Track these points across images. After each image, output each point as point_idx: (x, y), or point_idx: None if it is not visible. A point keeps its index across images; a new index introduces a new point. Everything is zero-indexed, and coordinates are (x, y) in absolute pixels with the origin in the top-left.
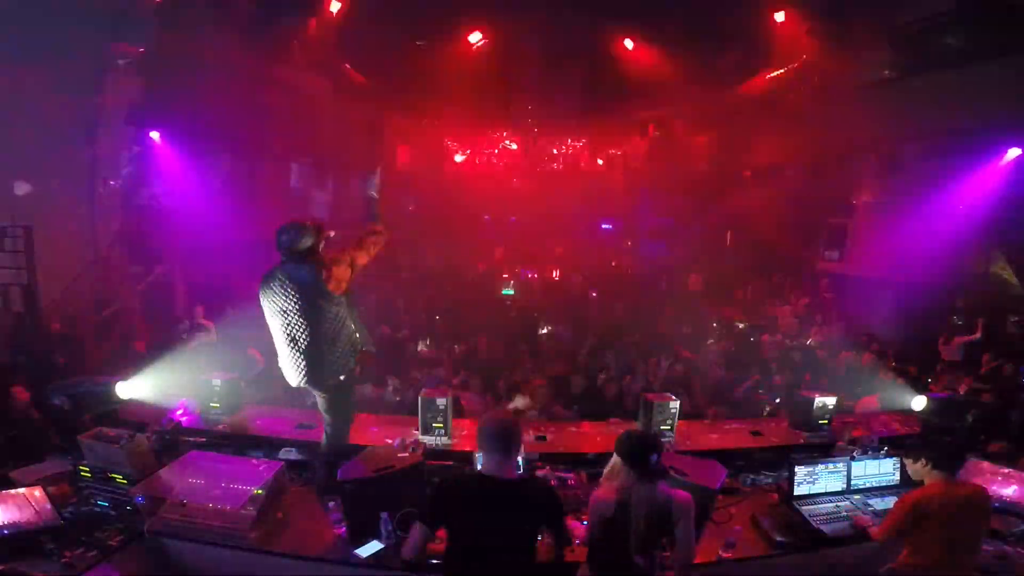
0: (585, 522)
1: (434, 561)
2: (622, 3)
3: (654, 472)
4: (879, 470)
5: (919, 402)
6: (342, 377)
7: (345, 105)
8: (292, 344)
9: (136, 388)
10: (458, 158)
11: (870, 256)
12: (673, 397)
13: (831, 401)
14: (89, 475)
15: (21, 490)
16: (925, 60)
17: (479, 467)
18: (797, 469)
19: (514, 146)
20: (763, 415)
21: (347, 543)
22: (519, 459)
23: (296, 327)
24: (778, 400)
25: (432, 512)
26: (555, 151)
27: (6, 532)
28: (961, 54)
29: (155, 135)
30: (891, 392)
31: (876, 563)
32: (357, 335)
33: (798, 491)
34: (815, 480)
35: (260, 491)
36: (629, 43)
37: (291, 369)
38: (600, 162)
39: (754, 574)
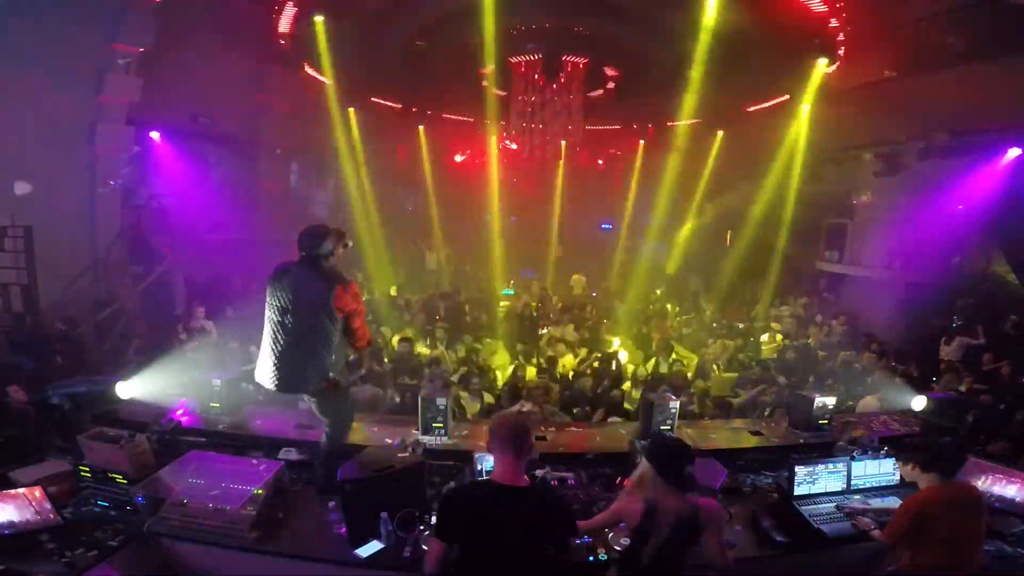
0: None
1: None
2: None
3: (685, 483)
4: (879, 470)
5: (919, 402)
6: (309, 392)
7: (345, 105)
8: (273, 342)
9: (136, 388)
10: (458, 158)
11: (870, 256)
12: (673, 397)
13: (831, 401)
14: (89, 475)
15: (21, 490)
16: (925, 60)
17: (479, 467)
18: (797, 469)
19: (514, 146)
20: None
21: (347, 543)
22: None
23: (283, 328)
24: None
25: (446, 524)
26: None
27: (6, 532)
28: (961, 54)
29: (155, 135)
30: (891, 392)
31: (876, 563)
32: (333, 357)
33: (798, 491)
34: (815, 480)
35: (260, 491)
36: None
37: (262, 366)
38: (600, 162)
39: (754, 574)
